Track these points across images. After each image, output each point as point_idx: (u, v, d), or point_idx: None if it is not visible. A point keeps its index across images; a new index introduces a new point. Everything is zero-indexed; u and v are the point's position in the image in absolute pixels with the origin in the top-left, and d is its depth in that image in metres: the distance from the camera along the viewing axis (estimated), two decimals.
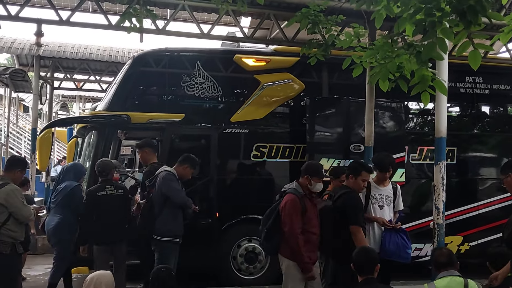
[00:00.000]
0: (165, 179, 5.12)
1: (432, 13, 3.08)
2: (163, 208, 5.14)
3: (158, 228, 5.10)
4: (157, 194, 5.18)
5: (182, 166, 5.35)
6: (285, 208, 4.39)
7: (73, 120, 9.79)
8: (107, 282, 3.34)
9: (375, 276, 3.46)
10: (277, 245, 4.48)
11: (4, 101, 16.27)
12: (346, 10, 5.60)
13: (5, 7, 6.55)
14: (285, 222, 4.38)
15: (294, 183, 4.60)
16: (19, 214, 4.56)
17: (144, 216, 5.28)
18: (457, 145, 7.60)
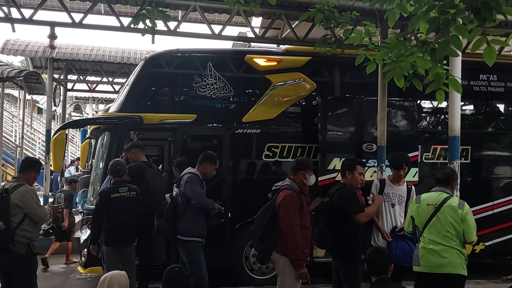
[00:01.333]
0: (187, 181, 5.19)
1: (446, 10, 3.05)
2: (186, 209, 5.20)
3: (182, 228, 5.18)
4: (181, 195, 5.28)
5: (202, 165, 5.43)
6: (284, 203, 4.32)
7: (87, 122, 9.88)
8: (120, 282, 3.36)
9: (389, 276, 3.45)
10: (274, 244, 4.36)
11: (19, 103, 16.48)
12: (357, 8, 5.58)
13: (19, 11, 6.63)
14: (283, 218, 4.30)
15: (287, 180, 4.57)
16: (34, 215, 4.61)
17: (168, 217, 5.36)
18: (471, 144, 7.51)
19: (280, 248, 4.35)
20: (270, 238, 4.38)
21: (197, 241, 5.22)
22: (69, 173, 13.36)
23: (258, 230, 4.50)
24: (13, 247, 4.51)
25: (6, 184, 4.75)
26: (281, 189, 4.48)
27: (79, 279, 7.25)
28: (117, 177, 5.59)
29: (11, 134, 16.40)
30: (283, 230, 4.30)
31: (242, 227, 6.84)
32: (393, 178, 5.32)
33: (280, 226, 4.31)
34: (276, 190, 4.55)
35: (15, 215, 4.53)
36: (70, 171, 13.69)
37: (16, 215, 4.53)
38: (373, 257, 3.53)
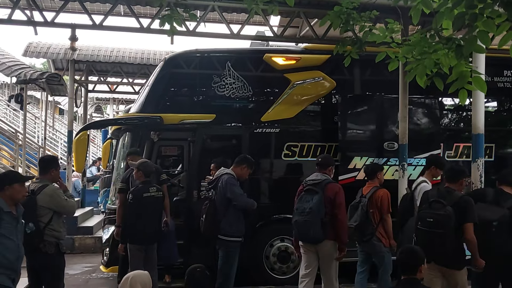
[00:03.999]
0: (227, 183, 5.25)
1: (473, 5, 2.97)
2: (227, 209, 5.26)
3: (224, 229, 5.24)
4: (220, 196, 5.29)
5: (240, 166, 5.49)
6: (339, 195, 4.96)
7: (108, 122, 10.00)
8: (143, 281, 3.37)
9: (419, 277, 3.40)
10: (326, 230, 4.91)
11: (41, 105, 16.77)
12: (378, 5, 5.51)
13: (42, 14, 6.74)
14: (339, 207, 4.94)
15: (320, 175, 5.10)
16: (65, 211, 4.79)
17: (208, 218, 5.38)
18: (495, 142, 7.35)
19: (330, 234, 4.93)
20: (327, 225, 4.92)
21: (238, 241, 5.33)
22: (90, 173, 13.54)
23: (315, 219, 4.90)
24: (43, 247, 4.59)
25: (31, 185, 4.83)
26: (325, 182, 5.00)
27: (101, 278, 7.34)
28: (146, 177, 5.67)
29: (34, 135, 16.68)
30: (339, 218, 4.92)
31: (262, 226, 6.83)
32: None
33: (336, 215, 4.91)
34: (317, 184, 5.02)
35: (43, 216, 4.61)
36: (92, 171, 13.88)
37: (44, 216, 4.62)
38: (405, 256, 3.48)
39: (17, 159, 10.87)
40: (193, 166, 6.89)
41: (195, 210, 6.65)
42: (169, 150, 7.32)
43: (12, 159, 11.20)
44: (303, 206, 5.05)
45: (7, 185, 4.01)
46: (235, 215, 5.28)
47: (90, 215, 10.76)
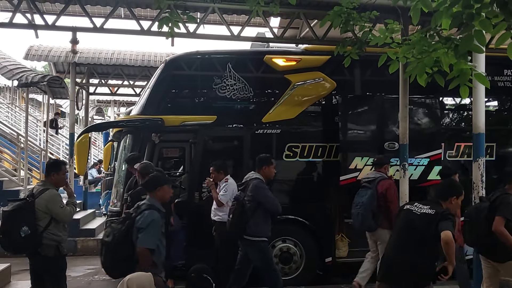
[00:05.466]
0: (258, 187, 5.48)
1: (470, 4, 2.99)
2: (256, 211, 5.46)
3: (251, 230, 5.44)
4: (249, 199, 5.48)
5: (261, 169, 5.70)
6: (391, 190, 5.92)
7: (109, 125, 10.02)
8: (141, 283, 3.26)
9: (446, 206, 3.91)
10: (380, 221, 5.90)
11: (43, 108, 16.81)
12: (378, 5, 5.52)
13: (42, 17, 6.76)
14: (392, 200, 5.85)
15: (378, 174, 6.10)
16: (59, 219, 4.72)
17: (235, 218, 5.52)
18: (496, 141, 7.35)
19: (384, 223, 5.84)
20: (379, 216, 5.90)
21: (265, 240, 5.58)
22: (91, 176, 13.56)
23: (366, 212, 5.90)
24: (41, 251, 4.61)
25: (34, 188, 4.86)
26: (378, 180, 6.01)
27: (104, 280, 7.35)
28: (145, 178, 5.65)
29: (36, 138, 16.72)
30: (391, 210, 5.74)
31: None
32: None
33: (389, 207, 5.82)
34: (371, 181, 6.04)
35: (41, 220, 4.62)
36: (92, 173, 13.90)
37: (43, 220, 4.63)
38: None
39: (19, 162, 10.90)
40: (195, 167, 6.90)
41: (197, 211, 6.68)
42: (171, 152, 7.35)
43: (14, 162, 11.22)
44: (358, 200, 6.08)
45: (159, 186, 4.25)
46: (264, 217, 5.51)
47: (92, 217, 10.77)
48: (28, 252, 4.71)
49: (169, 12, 4.98)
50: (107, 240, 4.07)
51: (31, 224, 4.55)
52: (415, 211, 3.93)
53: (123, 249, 3.97)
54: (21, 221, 4.54)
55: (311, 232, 6.97)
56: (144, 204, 4.17)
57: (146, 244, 3.95)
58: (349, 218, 6.84)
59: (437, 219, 3.75)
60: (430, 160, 6.94)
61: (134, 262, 3.91)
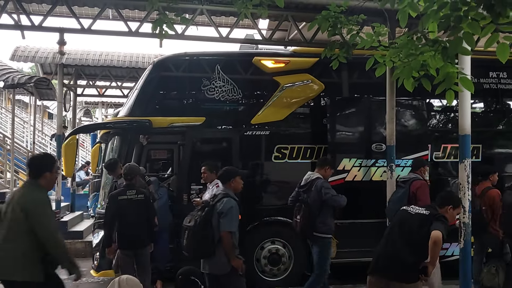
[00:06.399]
0: (323, 187, 5.72)
1: (458, 7, 3.02)
2: (321, 210, 5.70)
3: (319, 227, 5.71)
4: (314, 198, 5.70)
5: (323, 168, 5.92)
6: (422, 189, 5.95)
7: (96, 127, 9.96)
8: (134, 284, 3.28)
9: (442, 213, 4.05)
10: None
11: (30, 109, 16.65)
12: (365, 9, 5.56)
13: (29, 18, 6.70)
14: (421, 199, 5.82)
15: (413, 175, 6.17)
16: None
17: (304, 218, 5.76)
18: (482, 142, 7.44)
19: None
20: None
21: (330, 237, 5.83)
22: (79, 178, 13.44)
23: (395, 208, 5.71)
24: None
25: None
26: (411, 180, 6.09)
27: (91, 283, 7.29)
28: (126, 180, 5.68)
29: (23, 139, 16.55)
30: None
31: (252, 229, 6.83)
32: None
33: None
34: (406, 181, 6.16)
35: None
36: (80, 175, 13.78)
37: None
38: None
39: (5, 164, 10.78)
40: (183, 169, 6.89)
41: (185, 213, 6.64)
42: (159, 153, 7.33)
43: (0, 164, 11.08)
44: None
45: (232, 178, 4.76)
46: (328, 214, 5.76)
47: (80, 219, 10.69)
48: None
49: (160, 13, 4.96)
50: (189, 225, 4.57)
51: None
52: (410, 211, 4.16)
53: (205, 233, 4.45)
54: None
55: None
56: (220, 193, 4.70)
57: (229, 228, 4.46)
58: (338, 219, 6.89)
59: (430, 219, 3.89)
60: None
61: (214, 244, 4.43)
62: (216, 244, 4.45)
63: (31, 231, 3.68)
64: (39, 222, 3.70)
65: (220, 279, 4.52)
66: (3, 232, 3.75)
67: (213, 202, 4.62)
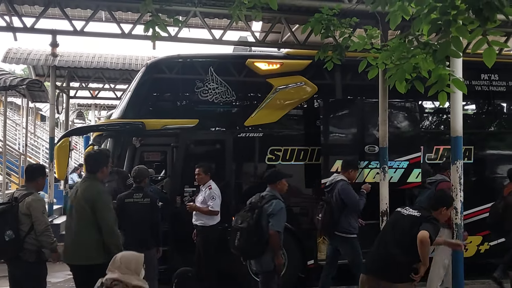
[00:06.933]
0: (344, 189, 5.94)
1: (447, 11, 3.06)
2: (344, 210, 5.91)
3: (342, 227, 5.90)
4: (337, 199, 5.94)
5: (347, 171, 6.13)
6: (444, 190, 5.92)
7: (89, 129, 9.92)
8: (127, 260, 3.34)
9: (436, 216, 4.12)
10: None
11: (22, 111, 16.55)
12: (358, 12, 5.59)
13: (21, 19, 6.67)
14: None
15: (441, 176, 6.39)
16: (36, 225, 4.60)
17: (327, 218, 5.95)
18: (474, 144, 7.50)
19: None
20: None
21: (355, 236, 5.98)
22: (72, 180, 13.37)
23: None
24: (23, 256, 4.54)
25: (15, 193, 4.77)
26: (438, 182, 6.33)
27: None
28: (135, 183, 5.74)
29: (15, 142, 16.45)
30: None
31: None
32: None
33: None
34: (432, 182, 6.43)
35: (24, 224, 4.55)
36: (73, 178, 13.71)
37: (25, 224, 4.55)
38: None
39: None
40: (177, 171, 6.87)
41: (178, 215, 6.64)
42: (152, 156, 7.31)
43: None
44: (418, 198, 6.67)
45: (278, 180, 5.10)
46: (351, 215, 5.94)
47: None
48: (9, 257, 4.62)
49: (153, 15, 4.96)
50: (241, 226, 4.80)
51: (15, 229, 4.49)
52: (403, 212, 4.23)
53: (256, 233, 4.71)
54: (5, 224, 4.48)
55: (293, 236, 6.99)
56: (267, 195, 4.99)
57: (277, 227, 4.79)
58: None
59: (421, 221, 3.93)
60: (409, 163, 7.04)
61: (264, 244, 4.71)
62: (265, 244, 4.77)
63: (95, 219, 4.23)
64: (100, 211, 4.25)
65: (263, 275, 4.95)
66: (76, 222, 4.31)
67: (262, 204, 4.88)
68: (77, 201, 4.33)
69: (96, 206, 4.26)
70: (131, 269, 3.36)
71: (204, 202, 6.18)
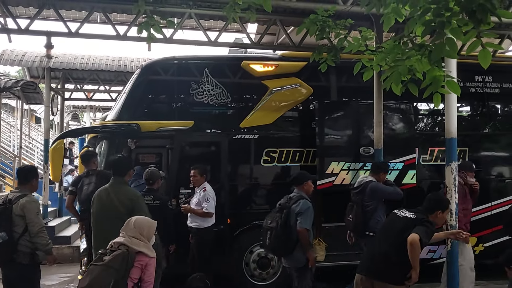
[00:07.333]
0: (375, 188, 6.08)
1: (440, 13, 3.07)
2: (375, 210, 6.01)
3: (373, 227, 5.92)
4: (368, 200, 6.04)
5: (377, 174, 6.20)
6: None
7: (84, 131, 9.88)
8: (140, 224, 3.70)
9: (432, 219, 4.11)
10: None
11: (17, 113, 16.48)
12: (352, 13, 5.61)
13: (15, 21, 6.65)
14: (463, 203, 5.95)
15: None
16: (31, 227, 4.58)
17: (357, 218, 6.06)
18: (468, 145, 7.53)
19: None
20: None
21: None
22: (67, 183, 13.33)
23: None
24: (16, 258, 4.52)
25: (9, 195, 4.75)
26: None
27: None
28: (148, 185, 5.88)
29: (9, 144, 16.37)
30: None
31: (242, 233, 6.83)
32: None
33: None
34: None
35: (18, 226, 4.53)
36: (68, 180, 13.66)
37: (19, 226, 4.54)
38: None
39: None
40: (172, 173, 6.86)
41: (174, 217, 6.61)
42: (147, 157, 7.28)
43: None
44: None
45: (305, 181, 5.37)
46: (383, 215, 6.00)
47: (67, 224, 10.60)
48: (2, 259, 4.59)
49: (147, 17, 4.95)
50: (271, 226, 5.19)
51: (8, 230, 4.47)
52: (398, 214, 4.23)
53: (284, 232, 5.06)
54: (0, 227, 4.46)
55: None
56: (295, 196, 5.30)
57: (305, 225, 5.09)
58: (327, 222, 6.92)
59: (415, 224, 3.93)
60: (404, 164, 7.06)
61: (293, 241, 5.06)
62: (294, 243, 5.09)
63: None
64: (142, 210, 4.52)
65: (297, 271, 5.23)
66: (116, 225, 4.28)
67: (290, 204, 5.20)
68: (111, 203, 4.54)
69: (136, 205, 4.55)
70: (143, 234, 3.68)
71: (199, 204, 6.17)
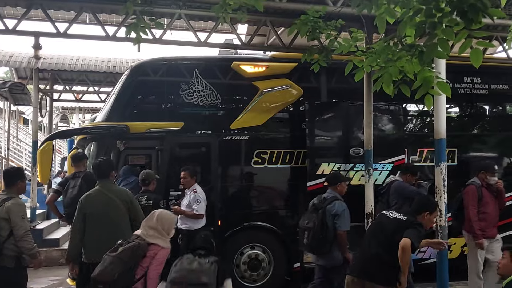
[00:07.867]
0: (400, 187, 6.27)
1: (432, 14, 3.08)
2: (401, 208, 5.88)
3: None
4: (394, 198, 6.22)
5: (405, 175, 6.38)
6: (465, 195, 6.07)
7: (73, 132, 9.79)
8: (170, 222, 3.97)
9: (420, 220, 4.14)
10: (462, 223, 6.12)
11: (4, 115, 16.29)
12: (343, 14, 5.61)
13: (2, 21, 6.56)
14: (466, 205, 6.00)
15: (474, 178, 6.21)
16: (15, 230, 4.50)
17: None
18: (457, 146, 7.57)
19: (466, 226, 6.07)
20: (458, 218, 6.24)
21: None
22: (55, 184, 13.20)
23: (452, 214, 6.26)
24: (1, 261, 4.44)
25: None
26: (467, 184, 6.20)
27: None
28: (144, 185, 5.96)
29: None
30: (467, 214, 5.99)
31: (232, 234, 6.81)
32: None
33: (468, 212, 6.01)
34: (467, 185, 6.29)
35: (3, 229, 4.45)
36: (56, 182, 13.53)
37: (4, 229, 4.46)
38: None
39: None
40: (161, 175, 6.81)
41: None
42: (136, 159, 7.24)
43: None
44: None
45: (338, 182, 5.50)
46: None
47: (56, 227, 10.47)
48: None
49: (136, 18, 4.91)
50: (308, 226, 5.30)
51: None
52: (388, 215, 4.24)
53: (322, 232, 5.19)
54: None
55: (280, 238, 6.99)
56: (329, 196, 5.40)
57: (344, 227, 5.21)
58: None
59: (405, 226, 3.93)
60: (394, 165, 7.09)
61: (330, 241, 5.18)
62: (331, 242, 5.19)
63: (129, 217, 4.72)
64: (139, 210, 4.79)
65: (332, 270, 5.30)
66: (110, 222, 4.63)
67: (324, 204, 5.31)
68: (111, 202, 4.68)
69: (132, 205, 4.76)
70: (164, 228, 3.87)
71: (189, 205, 6.14)
